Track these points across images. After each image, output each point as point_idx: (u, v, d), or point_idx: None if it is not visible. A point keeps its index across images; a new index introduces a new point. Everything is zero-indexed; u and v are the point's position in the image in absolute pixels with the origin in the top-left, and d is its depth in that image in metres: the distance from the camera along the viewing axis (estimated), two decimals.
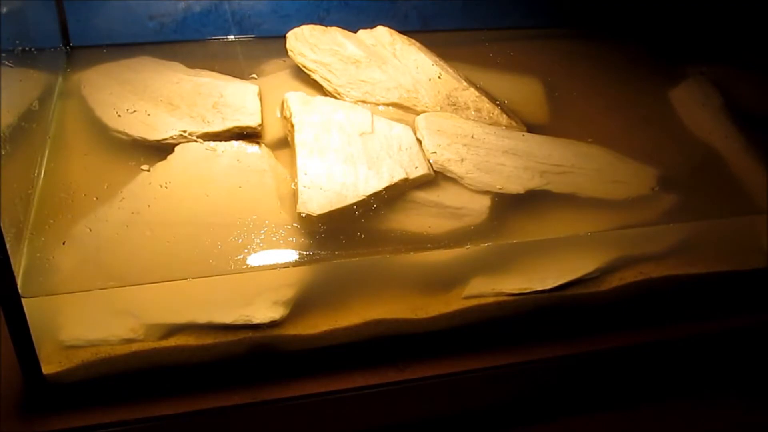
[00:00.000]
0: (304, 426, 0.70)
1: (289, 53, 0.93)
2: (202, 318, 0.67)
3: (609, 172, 0.79)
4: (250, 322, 0.67)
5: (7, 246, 0.56)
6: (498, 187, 0.75)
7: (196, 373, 0.68)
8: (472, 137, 0.80)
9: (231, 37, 1.00)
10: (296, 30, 0.95)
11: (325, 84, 0.89)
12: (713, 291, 0.79)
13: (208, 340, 0.67)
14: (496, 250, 0.73)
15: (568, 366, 0.75)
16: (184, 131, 0.79)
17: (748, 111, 0.90)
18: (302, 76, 0.92)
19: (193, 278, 0.66)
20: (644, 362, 0.78)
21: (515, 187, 0.75)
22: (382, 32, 0.96)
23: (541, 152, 0.79)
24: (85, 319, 0.66)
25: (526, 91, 0.94)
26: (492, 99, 0.89)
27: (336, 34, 0.95)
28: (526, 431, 0.77)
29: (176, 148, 0.77)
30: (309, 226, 0.69)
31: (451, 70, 0.92)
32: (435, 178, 0.75)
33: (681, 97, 0.80)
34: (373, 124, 0.80)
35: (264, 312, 0.68)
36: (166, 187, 0.68)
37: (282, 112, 0.85)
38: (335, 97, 0.88)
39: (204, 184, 0.74)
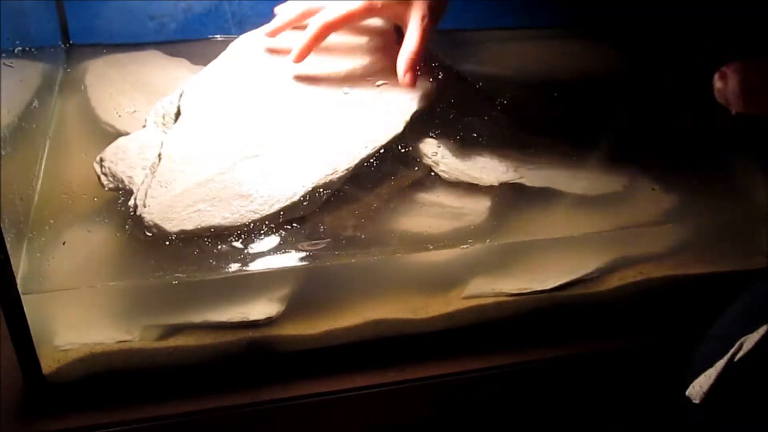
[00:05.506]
0: (303, 426, 0.70)
1: None
2: (198, 317, 0.67)
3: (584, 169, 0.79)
4: (246, 320, 0.67)
5: (8, 246, 0.56)
6: (473, 176, 0.75)
7: (196, 373, 0.68)
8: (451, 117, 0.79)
9: (230, 38, 1.00)
10: None
11: None
12: (713, 291, 0.78)
13: (207, 340, 0.67)
14: (496, 250, 0.73)
15: (569, 366, 0.75)
16: None
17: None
18: None
19: (191, 279, 0.66)
20: (645, 363, 0.78)
21: (489, 178, 0.75)
22: None
23: (517, 145, 0.78)
24: (84, 320, 0.66)
25: (525, 90, 0.94)
26: (492, 99, 0.89)
27: None
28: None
29: None
30: None
31: None
32: (435, 179, 0.75)
33: None
34: None
35: (260, 309, 0.68)
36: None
37: None
38: None
39: None
